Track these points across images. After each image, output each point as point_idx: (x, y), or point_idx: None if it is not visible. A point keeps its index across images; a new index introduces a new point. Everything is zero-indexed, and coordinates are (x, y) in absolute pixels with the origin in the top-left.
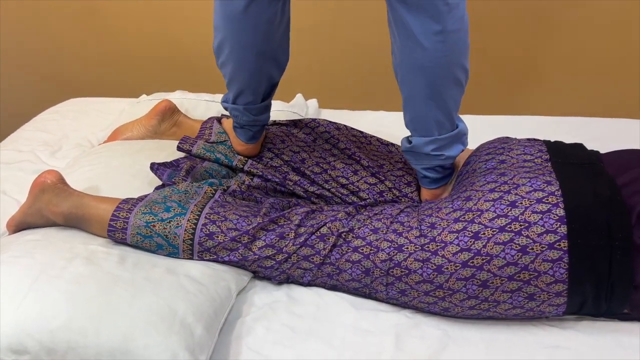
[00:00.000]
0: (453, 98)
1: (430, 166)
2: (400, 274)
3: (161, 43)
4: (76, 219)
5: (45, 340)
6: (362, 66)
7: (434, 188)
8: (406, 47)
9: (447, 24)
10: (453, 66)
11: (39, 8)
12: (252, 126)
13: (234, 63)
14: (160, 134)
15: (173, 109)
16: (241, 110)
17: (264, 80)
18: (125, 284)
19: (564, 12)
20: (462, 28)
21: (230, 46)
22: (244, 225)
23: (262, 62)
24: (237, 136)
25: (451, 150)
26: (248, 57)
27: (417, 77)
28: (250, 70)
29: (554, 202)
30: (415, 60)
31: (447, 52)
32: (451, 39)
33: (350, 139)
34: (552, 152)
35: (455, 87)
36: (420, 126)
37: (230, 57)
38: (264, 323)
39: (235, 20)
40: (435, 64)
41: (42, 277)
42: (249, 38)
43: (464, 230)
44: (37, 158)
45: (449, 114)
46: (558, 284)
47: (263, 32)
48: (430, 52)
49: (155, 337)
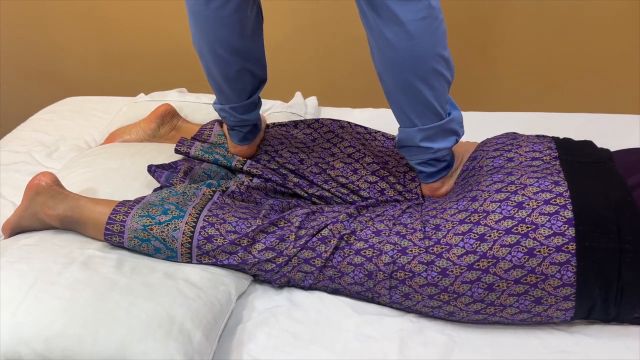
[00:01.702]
0: (432, 87)
1: (423, 160)
2: (404, 277)
3: (160, 41)
4: (72, 222)
5: (41, 349)
6: (363, 63)
7: (430, 182)
8: (376, 43)
9: (407, 15)
10: (426, 56)
11: (37, 7)
12: (241, 127)
13: (204, 60)
14: (159, 137)
15: (173, 113)
16: (227, 111)
17: (241, 76)
18: (123, 290)
19: (569, 10)
20: (430, 16)
21: (198, 43)
22: (243, 227)
23: (233, 57)
24: (231, 138)
25: (441, 142)
26: (216, 52)
27: (390, 71)
28: (220, 67)
29: (562, 203)
30: (385, 55)
31: (414, 42)
32: (415, 29)
33: (354, 137)
34: (562, 149)
35: (432, 77)
36: (403, 117)
37: (201, 54)
38: (265, 329)
39: (198, 16)
40: (404, 55)
41: (38, 284)
42: (215, 33)
43: (469, 232)
44: (33, 159)
45: (429, 104)
46: (566, 287)
47: (229, 25)
48: (395, 45)
49: (152, 345)
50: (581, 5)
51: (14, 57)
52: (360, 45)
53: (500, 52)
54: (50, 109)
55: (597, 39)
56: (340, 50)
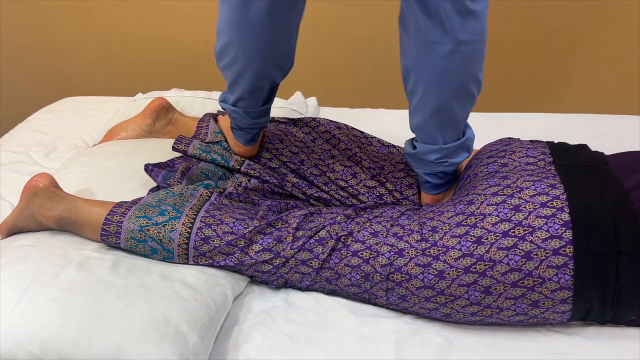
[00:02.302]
0: (463, 108)
1: (433, 172)
2: (401, 280)
3: (158, 42)
4: (69, 223)
5: (36, 351)
6: (362, 64)
7: (435, 194)
8: (420, 53)
9: (465, 35)
10: (467, 77)
11: (36, 7)
12: (251, 129)
13: (237, 68)
14: (155, 132)
15: (167, 107)
16: (241, 113)
17: (266, 86)
18: (118, 291)
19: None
20: (481, 39)
21: (235, 52)
22: (240, 228)
23: (268, 68)
24: (236, 137)
25: (456, 158)
26: (254, 63)
27: (429, 85)
28: (254, 76)
29: (558, 206)
30: (428, 68)
31: (462, 63)
32: (468, 51)
33: (351, 139)
34: (556, 154)
35: (466, 98)
36: (426, 134)
37: (234, 62)
38: (261, 330)
39: (245, 27)
40: (449, 74)
41: (33, 285)
42: (257, 46)
43: (466, 235)
44: (31, 159)
45: (457, 124)
46: (563, 290)
47: (274, 39)
48: (445, 62)
49: (148, 347)
50: (581, 5)
51: (13, 58)
52: (358, 45)
53: (500, 53)
54: (48, 109)
55: (597, 39)
56: (339, 51)
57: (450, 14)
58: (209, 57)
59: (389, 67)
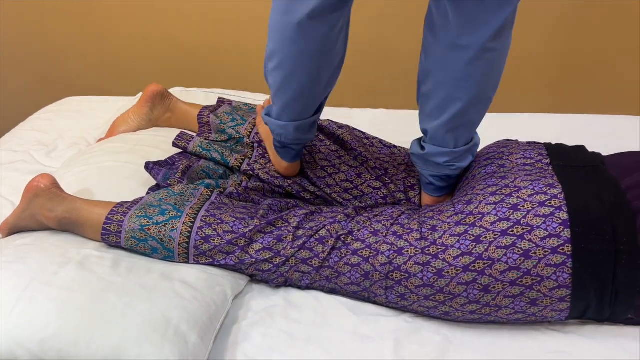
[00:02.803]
0: (479, 114)
1: (438, 174)
2: (400, 278)
3: (158, 41)
4: (70, 224)
5: (36, 350)
6: (362, 64)
7: (437, 196)
8: (446, 57)
9: (499, 41)
10: (488, 85)
11: (36, 7)
12: (296, 145)
13: (294, 81)
14: (154, 120)
15: (162, 93)
16: (288, 128)
17: (318, 92)
18: (119, 291)
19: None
20: (507, 48)
21: (280, 59)
22: (240, 227)
23: (327, 80)
24: (280, 156)
25: (463, 162)
26: (317, 74)
27: (451, 90)
28: (312, 86)
29: (557, 205)
30: (452, 72)
31: (486, 70)
32: (493, 58)
33: (355, 139)
34: (553, 155)
35: (484, 105)
36: (438, 137)
37: (292, 75)
38: (261, 329)
39: (288, 31)
40: (472, 80)
41: (33, 284)
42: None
43: (465, 234)
44: (32, 158)
45: (471, 129)
46: (561, 289)
47: (321, 45)
48: (470, 68)
49: (148, 347)
50: (581, 5)
51: (13, 58)
52: (360, 47)
53: None
54: (48, 109)
55: (597, 39)
56: None
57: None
58: (209, 56)
59: (390, 68)
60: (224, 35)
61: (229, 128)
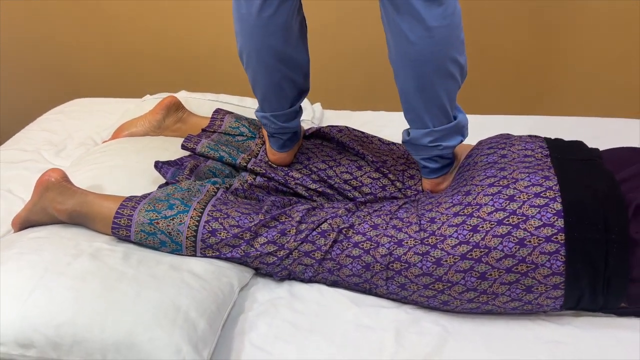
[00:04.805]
0: (446, 91)
1: (429, 156)
2: (400, 268)
3: (166, 43)
4: (80, 217)
5: (51, 335)
6: (363, 66)
7: (433, 177)
8: (397, 43)
9: (433, 21)
10: (443, 60)
11: (43, 7)
12: (281, 134)
13: (252, 68)
14: (164, 129)
15: (178, 105)
16: (269, 118)
17: (286, 85)
18: (130, 281)
19: (565, 11)
20: (452, 23)
21: (246, 51)
22: (245, 222)
23: (279, 65)
24: (270, 145)
25: (449, 141)
26: (265, 61)
27: (408, 70)
28: (266, 74)
29: (551, 196)
30: (405, 55)
31: (437, 47)
32: (439, 34)
33: (353, 139)
34: (552, 148)
35: (447, 80)
36: (415, 118)
37: (249, 62)
38: (266, 319)
39: (247, 24)
40: (424, 58)
41: (47, 274)
42: (263, 41)
43: (462, 224)
44: (41, 157)
45: (442, 107)
46: (555, 276)
47: (277, 35)
48: (418, 46)
49: (159, 332)
50: (581, 5)
51: (19, 57)
52: (361, 50)
53: (499, 54)
54: (58, 110)
55: (597, 40)
56: (340, 54)
57: (415, 3)
58: (218, 59)
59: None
60: (233, 40)
61: (242, 126)
